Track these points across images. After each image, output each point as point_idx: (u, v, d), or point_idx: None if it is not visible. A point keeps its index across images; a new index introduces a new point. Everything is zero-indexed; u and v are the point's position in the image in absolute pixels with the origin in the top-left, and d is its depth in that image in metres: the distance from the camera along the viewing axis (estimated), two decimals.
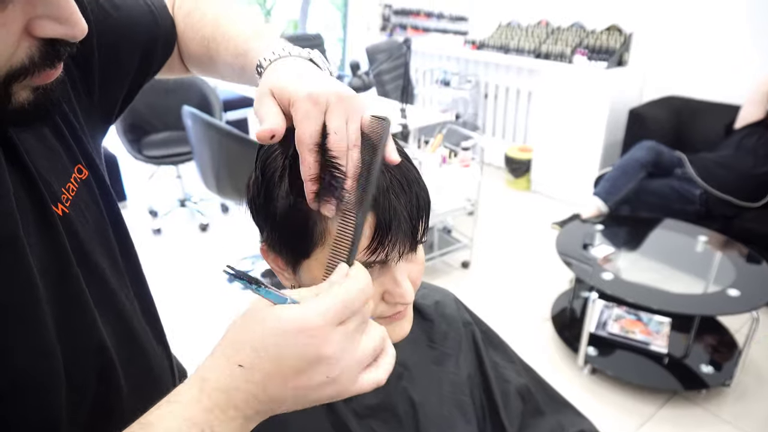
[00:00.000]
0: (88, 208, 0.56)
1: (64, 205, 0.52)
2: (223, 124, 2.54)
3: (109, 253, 0.58)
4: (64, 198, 0.52)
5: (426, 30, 5.18)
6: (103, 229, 0.58)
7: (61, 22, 0.39)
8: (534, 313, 2.65)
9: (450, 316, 0.77)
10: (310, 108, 0.48)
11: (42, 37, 0.39)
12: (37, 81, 0.41)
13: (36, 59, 0.39)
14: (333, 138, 0.48)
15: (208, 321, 2.59)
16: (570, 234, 2.57)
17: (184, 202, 3.68)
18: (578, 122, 3.72)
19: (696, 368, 2.19)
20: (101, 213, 0.58)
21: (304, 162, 0.48)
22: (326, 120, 0.48)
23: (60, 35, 0.40)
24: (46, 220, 0.49)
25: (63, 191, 0.52)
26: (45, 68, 0.40)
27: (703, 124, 3.30)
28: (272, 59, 0.55)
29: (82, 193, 0.56)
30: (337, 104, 0.48)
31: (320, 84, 0.49)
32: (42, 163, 0.50)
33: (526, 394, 0.80)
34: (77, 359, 0.50)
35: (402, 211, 0.51)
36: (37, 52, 0.39)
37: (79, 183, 0.56)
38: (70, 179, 0.54)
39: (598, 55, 3.75)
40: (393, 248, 0.52)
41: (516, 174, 4.18)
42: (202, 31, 0.68)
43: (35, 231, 0.48)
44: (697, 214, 2.84)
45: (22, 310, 0.45)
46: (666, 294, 2.11)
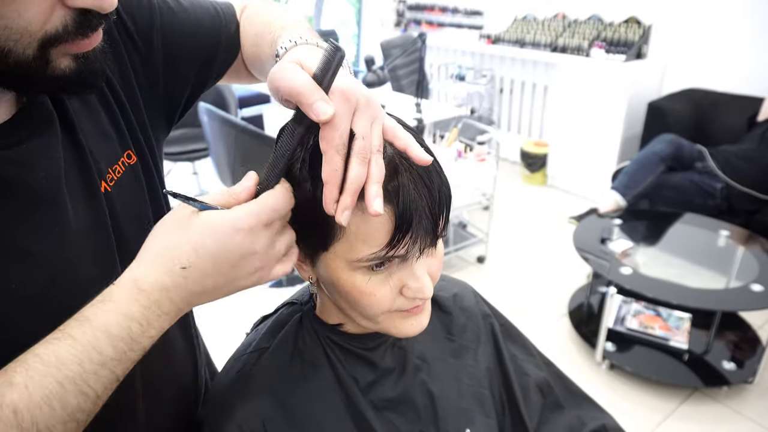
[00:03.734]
0: (132, 191, 0.59)
1: (107, 183, 0.55)
2: (239, 120, 2.55)
3: (143, 238, 0.58)
4: (108, 177, 0.55)
5: (441, 25, 5.15)
6: (143, 213, 0.61)
7: None
8: (551, 308, 2.63)
9: (469, 309, 0.77)
10: (342, 105, 0.45)
11: (74, 7, 0.42)
12: (73, 49, 0.44)
13: (70, 27, 0.42)
14: (360, 144, 0.46)
15: (225, 315, 2.61)
16: (587, 228, 2.54)
17: None
18: (596, 116, 3.67)
19: (717, 365, 2.15)
20: (144, 198, 0.61)
21: (331, 163, 0.46)
22: (354, 121, 0.46)
23: (89, 5, 0.42)
24: (93, 193, 0.53)
25: (109, 171, 0.56)
26: (79, 36, 0.43)
27: (724, 117, 3.23)
28: (298, 42, 0.54)
29: (128, 177, 0.59)
30: (366, 106, 0.47)
31: (350, 82, 0.47)
32: (94, 143, 0.54)
33: (546, 388, 0.79)
34: None
35: (423, 206, 0.50)
36: (71, 21, 0.42)
37: (126, 167, 0.59)
38: (118, 162, 0.58)
39: (616, 47, 3.69)
40: (414, 244, 0.51)
41: (532, 169, 4.14)
42: (254, 28, 0.68)
43: (83, 201, 0.52)
44: (719, 209, 2.78)
45: (51, 262, 0.48)
46: (686, 289, 2.08)
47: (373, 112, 0.47)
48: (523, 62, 4.38)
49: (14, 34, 0.40)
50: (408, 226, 0.50)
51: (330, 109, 0.44)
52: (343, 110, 0.45)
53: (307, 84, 0.45)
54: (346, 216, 0.46)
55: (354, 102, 0.46)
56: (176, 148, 3.43)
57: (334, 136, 0.45)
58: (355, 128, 0.46)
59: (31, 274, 0.46)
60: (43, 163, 0.48)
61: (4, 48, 0.40)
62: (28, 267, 0.46)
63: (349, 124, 0.46)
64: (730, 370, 2.12)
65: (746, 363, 2.16)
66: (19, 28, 0.40)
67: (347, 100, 0.45)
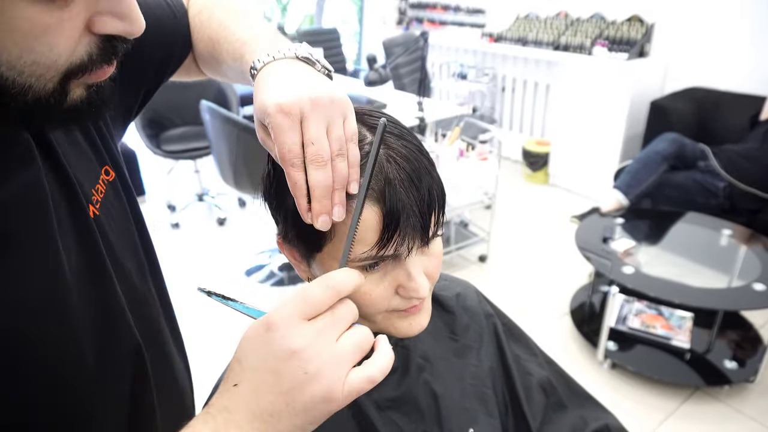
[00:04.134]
0: (115, 209, 0.56)
1: (94, 206, 0.51)
2: (241, 119, 2.55)
3: (135, 256, 0.57)
4: (94, 200, 0.51)
5: (443, 23, 5.14)
6: (129, 231, 0.58)
7: (122, 18, 0.39)
8: (552, 307, 2.63)
9: (471, 309, 0.76)
10: (282, 121, 0.45)
11: (101, 34, 0.39)
12: (92, 78, 0.41)
13: (94, 56, 0.39)
14: (311, 150, 0.45)
15: (225, 315, 2.61)
16: (589, 228, 2.54)
17: (202, 197, 3.71)
18: (598, 115, 3.66)
19: (719, 364, 2.15)
20: (126, 215, 0.58)
21: (290, 178, 0.46)
22: (303, 130, 0.46)
23: (119, 32, 0.39)
24: (82, 221, 0.48)
25: (93, 192, 0.52)
26: (102, 65, 0.40)
27: (727, 116, 3.23)
28: (259, 67, 0.53)
29: (110, 195, 0.55)
30: (312, 111, 0.46)
31: (290, 91, 0.46)
32: (73, 163, 0.50)
33: (549, 388, 0.79)
34: (115, 361, 0.49)
35: (411, 204, 0.50)
36: (95, 49, 0.39)
37: (106, 185, 0.55)
38: (99, 180, 0.54)
39: (618, 46, 3.68)
40: (402, 242, 0.51)
41: (534, 167, 4.14)
42: (208, 31, 0.66)
43: (71, 231, 0.47)
44: (721, 208, 2.78)
45: (51, 308, 0.44)
46: (688, 288, 2.08)
47: (328, 113, 0.47)
48: (525, 61, 4.37)
49: (40, 69, 0.37)
50: (395, 225, 0.49)
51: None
52: (284, 126, 0.45)
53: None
54: (324, 221, 0.47)
55: (296, 113, 0.46)
56: (178, 146, 3.43)
57: (283, 153, 0.46)
58: (305, 135, 0.46)
59: (26, 328, 0.42)
60: (31, 201, 0.43)
61: (24, 85, 0.37)
62: (23, 318, 0.42)
63: (295, 135, 0.46)
64: (732, 369, 2.12)
65: (748, 362, 2.15)
66: (48, 62, 0.37)
67: (287, 114, 0.45)
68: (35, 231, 0.43)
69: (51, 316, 0.44)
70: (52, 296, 0.44)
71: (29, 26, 0.34)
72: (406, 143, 0.52)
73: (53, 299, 0.44)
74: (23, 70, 0.36)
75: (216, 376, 0.61)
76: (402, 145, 0.52)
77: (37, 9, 0.34)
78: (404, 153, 0.51)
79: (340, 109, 0.47)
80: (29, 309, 0.43)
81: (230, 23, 0.63)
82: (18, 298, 0.42)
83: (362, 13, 5.96)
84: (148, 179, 3.89)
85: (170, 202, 3.63)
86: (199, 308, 2.65)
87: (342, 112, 0.48)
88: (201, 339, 2.46)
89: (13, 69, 0.35)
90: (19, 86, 0.36)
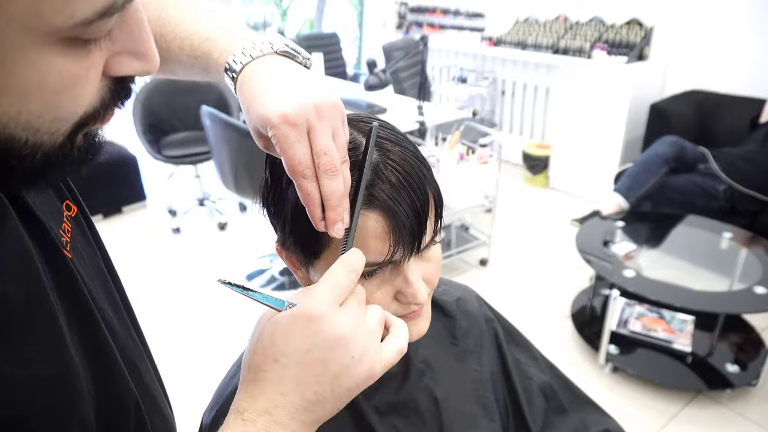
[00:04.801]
0: (84, 248, 0.49)
1: (66, 250, 0.44)
2: (241, 124, 2.56)
3: (109, 295, 0.52)
4: (64, 241, 0.44)
5: (442, 27, 5.15)
6: (100, 269, 0.52)
7: (140, 57, 0.35)
8: (553, 310, 2.63)
9: (472, 313, 0.77)
10: (289, 133, 0.44)
11: (116, 76, 0.34)
12: (100, 125, 0.36)
13: (107, 100, 0.35)
14: (325, 160, 0.45)
15: (227, 319, 2.61)
16: (590, 231, 2.54)
17: (203, 201, 3.71)
18: (598, 118, 3.66)
19: (721, 367, 2.15)
20: (94, 251, 0.52)
21: (302, 189, 0.45)
22: (311, 140, 0.45)
23: (137, 72, 0.35)
24: (63, 270, 0.42)
25: (62, 233, 0.45)
26: (111, 109, 0.36)
27: (727, 119, 3.23)
28: (237, 69, 0.49)
29: (76, 233, 0.49)
30: (319, 121, 0.45)
31: (292, 99, 0.45)
32: (40, 205, 0.43)
33: (550, 392, 0.79)
34: (121, 414, 0.45)
35: (407, 210, 0.50)
36: (107, 93, 0.35)
37: (71, 221, 0.48)
38: (64, 219, 0.47)
39: (618, 49, 3.69)
40: (398, 248, 0.51)
41: (534, 171, 4.14)
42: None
43: (54, 282, 0.40)
44: (722, 211, 2.78)
45: (61, 380, 0.39)
46: (689, 291, 2.07)
47: (332, 120, 0.46)
48: (525, 64, 4.38)
49: (58, 125, 0.32)
50: (394, 231, 0.50)
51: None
52: (292, 138, 0.44)
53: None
54: (339, 228, 0.47)
55: (303, 123, 0.44)
56: (178, 152, 3.44)
57: (294, 165, 0.45)
58: (315, 146, 0.45)
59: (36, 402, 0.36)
60: (20, 259, 0.37)
61: (37, 144, 0.31)
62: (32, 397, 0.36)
63: (304, 146, 0.45)
64: (734, 372, 2.11)
65: (750, 365, 2.15)
66: (68, 116, 0.32)
67: (294, 125, 0.44)
68: (28, 290, 0.37)
69: (61, 391, 0.38)
70: (60, 368, 0.38)
71: (59, 80, 0.30)
72: (402, 149, 0.52)
73: (62, 371, 0.38)
74: (40, 128, 0.31)
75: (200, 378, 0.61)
76: (399, 151, 0.52)
77: (67, 60, 0.30)
78: (401, 159, 0.51)
79: (340, 114, 0.47)
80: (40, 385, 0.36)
81: (178, 15, 0.56)
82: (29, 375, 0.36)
83: (362, 18, 5.98)
84: (148, 184, 3.90)
85: (171, 207, 3.63)
86: (203, 309, 2.65)
87: (341, 117, 0.48)
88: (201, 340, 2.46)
89: (29, 129, 0.31)
90: (31, 146, 0.31)
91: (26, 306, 0.36)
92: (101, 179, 3.43)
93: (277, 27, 5.92)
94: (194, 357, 2.34)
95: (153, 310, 2.63)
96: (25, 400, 0.35)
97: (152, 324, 2.50)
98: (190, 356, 2.34)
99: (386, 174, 0.50)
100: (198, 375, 2.19)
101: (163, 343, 2.39)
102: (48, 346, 0.38)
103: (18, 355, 0.35)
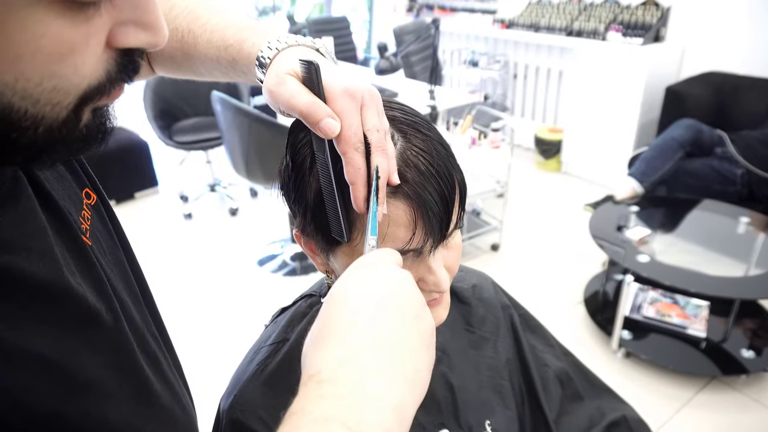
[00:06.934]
0: (103, 236, 0.49)
1: (85, 236, 0.43)
2: (252, 109, 2.55)
3: (129, 287, 0.51)
4: (83, 228, 0.44)
5: (453, 10, 5.08)
6: (119, 259, 0.51)
7: (146, 28, 0.33)
8: (566, 296, 2.61)
9: (488, 300, 0.76)
10: (349, 104, 0.45)
11: (122, 47, 0.33)
12: (107, 100, 0.34)
13: (113, 74, 0.33)
14: (376, 136, 0.46)
15: (239, 304, 2.63)
16: (603, 216, 2.51)
17: (214, 187, 3.72)
18: (612, 101, 3.61)
19: (735, 353, 2.13)
20: (114, 241, 0.51)
21: (353, 163, 0.45)
22: (364, 117, 0.46)
23: (143, 44, 0.34)
24: (84, 257, 0.41)
25: (81, 220, 0.44)
26: (119, 84, 0.34)
27: (745, 101, 3.16)
28: (280, 47, 0.50)
29: (95, 221, 0.48)
30: (370, 99, 0.47)
31: (351, 78, 0.47)
32: (57, 190, 0.43)
33: (565, 379, 0.79)
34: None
35: (435, 198, 0.50)
36: (113, 66, 0.33)
37: (90, 209, 0.48)
38: (83, 206, 0.47)
39: (633, 31, 3.61)
40: (426, 237, 0.50)
41: (546, 155, 4.10)
42: (174, 23, 0.59)
43: (73, 267, 0.40)
44: (739, 195, 2.73)
45: (87, 376, 0.38)
46: (705, 277, 2.05)
47: (377, 104, 0.48)
48: (538, 47, 4.31)
49: (59, 96, 0.30)
50: (419, 220, 0.49)
51: (337, 125, 0.45)
52: (351, 108, 0.45)
53: (310, 105, 0.45)
54: (384, 208, 0.47)
55: (359, 98, 0.46)
56: (190, 137, 3.44)
57: (350, 136, 0.45)
58: (367, 123, 0.46)
59: (52, 391, 0.35)
60: (34, 237, 0.36)
61: (37, 116, 0.30)
62: (49, 383, 0.35)
63: (359, 120, 0.46)
64: (749, 358, 2.09)
65: (765, 351, 2.13)
66: (69, 87, 0.31)
67: (353, 97, 0.46)
68: (47, 272, 0.36)
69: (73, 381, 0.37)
70: (76, 357, 0.37)
71: (55, 45, 0.29)
72: (426, 137, 0.51)
73: (79, 359, 0.37)
74: (39, 98, 0.30)
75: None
76: (423, 139, 0.51)
77: (64, 24, 0.29)
78: (427, 146, 0.51)
79: (380, 102, 0.48)
80: (52, 374, 0.36)
81: (210, 13, 0.57)
82: (74, 373, 0.36)
83: (372, 1, 5.91)
84: (160, 170, 3.91)
85: (182, 193, 3.65)
86: (215, 294, 2.68)
87: (381, 104, 0.49)
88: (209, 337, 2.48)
89: (28, 98, 0.29)
90: (31, 118, 0.30)
91: (45, 287, 0.35)
92: (114, 165, 3.45)
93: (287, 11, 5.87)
94: (209, 342, 2.36)
95: (165, 296, 2.65)
96: (38, 381, 0.35)
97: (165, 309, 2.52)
98: (204, 342, 2.36)
99: (414, 162, 0.49)
100: (213, 360, 2.21)
101: (176, 329, 2.41)
102: (67, 330, 0.37)
103: (44, 335, 0.35)
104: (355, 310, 0.37)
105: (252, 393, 0.61)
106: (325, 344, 0.36)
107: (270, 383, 0.61)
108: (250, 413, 0.59)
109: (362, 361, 0.34)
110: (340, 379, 0.33)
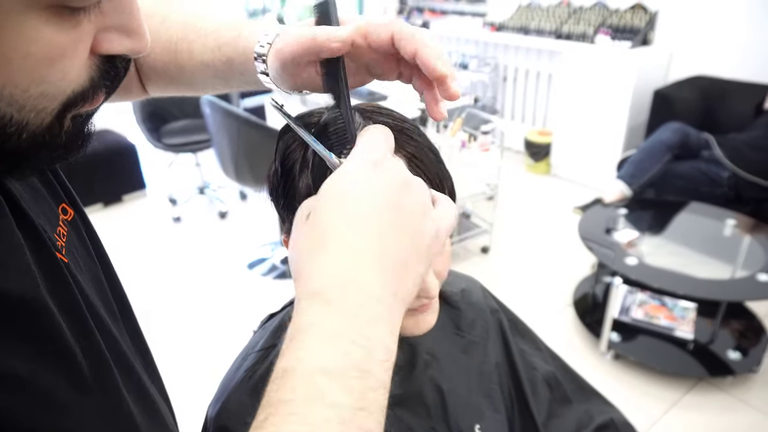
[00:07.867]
0: (79, 253, 0.47)
1: (61, 254, 0.42)
2: (241, 112, 2.54)
3: (107, 304, 0.49)
4: (59, 245, 0.43)
5: (443, 12, 5.10)
6: (96, 276, 0.49)
7: (130, 34, 0.33)
8: (555, 298, 2.63)
9: (477, 304, 0.76)
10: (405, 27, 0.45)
11: (106, 54, 0.33)
12: (88, 107, 0.34)
13: (95, 80, 0.33)
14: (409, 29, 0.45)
15: (228, 308, 2.62)
16: (592, 218, 2.53)
17: (203, 190, 3.70)
18: (600, 104, 3.64)
19: (722, 354, 2.15)
20: (92, 258, 0.50)
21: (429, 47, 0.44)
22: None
23: (127, 50, 0.34)
24: (59, 275, 0.40)
25: (56, 237, 0.43)
26: (101, 90, 0.34)
27: (731, 105, 3.20)
28: (270, 41, 0.48)
29: (72, 237, 0.47)
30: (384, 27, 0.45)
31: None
32: (32, 206, 0.41)
33: (554, 383, 0.79)
34: None
35: None
36: (96, 72, 0.33)
37: (67, 225, 0.47)
38: (59, 222, 0.45)
39: (621, 34, 3.65)
40: None
41: (536, 158, 4.12)
42: (167, 33, 0.58)
43: (47, 286, 0.38)
44: (726, 198, 2.77)
45: (65, 390, 0.37)
46: (692, 279, 2.07)
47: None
48: (527, 50, 4.34)
49: (45, 102, 0.30)
50: None
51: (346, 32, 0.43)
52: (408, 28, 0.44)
53: (350, 22, 0.44)
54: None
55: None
56: (178, 140, 3.42)
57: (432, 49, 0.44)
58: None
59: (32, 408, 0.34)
60: (11, 254, 0.35)
61: (22, 122, 0.30)
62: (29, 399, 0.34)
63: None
64: (735, 359, 2.12)
65: (751, 352, 2.15)
66: (56, 93, 0.31)
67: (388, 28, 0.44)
68: (24, 288, 0.35)
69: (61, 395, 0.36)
70: (49, 370, 0.36)
71: (46, 51, 0.29)
72: (416, 144, 0.52)
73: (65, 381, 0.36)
74: (25, 104, 0.29)
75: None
76: (414, 145, 0.51)
77: (54, 29, 0.29)
78: (416, 153, 0.51)
79: None
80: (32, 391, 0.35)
81: (203, 19, 0.56)
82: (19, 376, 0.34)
83: (362, 3, 5.92)
84: (148, 173, 3.88)
85: (171, 196, 3.62)
86: (204, 297, 2.66)
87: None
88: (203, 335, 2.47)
89: (14, 104, 0.29)
90: (16, 124, 0.30)
91: (22, 304, 0.34)
92: (101, 168, 3.42)
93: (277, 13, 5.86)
94: (196, 348, 2.34)
95: (154, 300, 2.63)
96: (21, 400, 0.33)
97: (152, 314, 2.50)
98: (191, 348, 2.35)
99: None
100: (200, 367, 2.20)
101: (164, 334, 2.39)
102: (46, 348, 0.35)
103: (21, 353, 0.34)
104: (359, 216, 0.35)
105: (240, 400, 0.60)
106: (327, 255, 0.35)
107: (258, 390, 0.60)
108: (237, 421, 0.58)
109: (365, 282, 0.34)
110: (349, 299, 0.34)
